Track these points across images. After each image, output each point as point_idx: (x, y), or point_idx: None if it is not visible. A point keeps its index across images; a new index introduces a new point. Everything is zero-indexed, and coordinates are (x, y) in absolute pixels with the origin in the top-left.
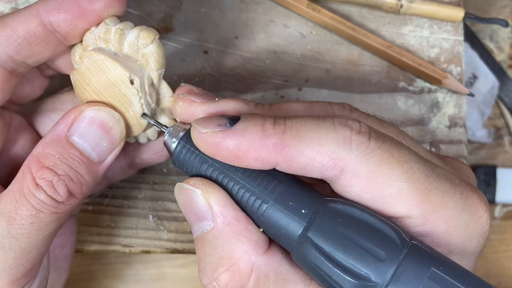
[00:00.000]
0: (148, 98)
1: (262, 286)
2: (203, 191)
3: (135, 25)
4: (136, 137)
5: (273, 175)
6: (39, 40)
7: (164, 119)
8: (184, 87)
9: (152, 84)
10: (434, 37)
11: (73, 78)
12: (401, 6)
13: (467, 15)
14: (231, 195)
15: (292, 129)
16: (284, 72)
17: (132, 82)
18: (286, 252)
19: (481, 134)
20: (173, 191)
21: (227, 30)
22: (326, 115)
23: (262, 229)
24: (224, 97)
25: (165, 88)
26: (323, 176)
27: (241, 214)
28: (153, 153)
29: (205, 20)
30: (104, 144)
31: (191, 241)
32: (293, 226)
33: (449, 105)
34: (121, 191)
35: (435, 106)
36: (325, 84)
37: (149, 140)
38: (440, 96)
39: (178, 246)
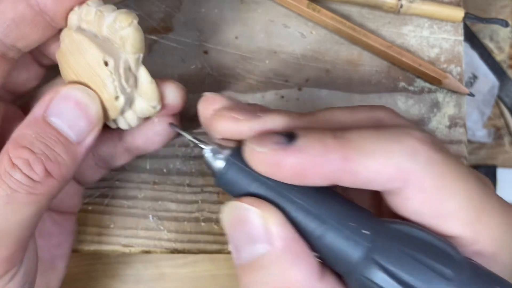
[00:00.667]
0: (123, 81)
1: None
2: (261, 210)
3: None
4: (116, 122)
5: (328, 193)
6: (27, 21)
7: (141, 105)
8: (211, 98)
9: (129, 69)
10: (434, 37)
11: (58, 59)
12: (401, 6)
13: (467, 15)
14: (285, 215)
15: (354, 142)
16: (284, 72)
17: (106, 64)
18: (338, 277)
19: (481, 134)
20: (173, 191)
21: (227, 30)
22: (375, 123)
23: (316, 254)
24: (264, 109)
25: (143, 74)
26: (384, 189)
27: (298, 237)
28: (145, 139)
29: (205, 20)
30: (81, 123)
31: (191, 241)
32: (354, 247)
33: (449, 105)
34: (121, 191)
35: (435, 106)
36: (325, 84)
37: (130, 126)
38: (440, 96)
39: (178, 246)
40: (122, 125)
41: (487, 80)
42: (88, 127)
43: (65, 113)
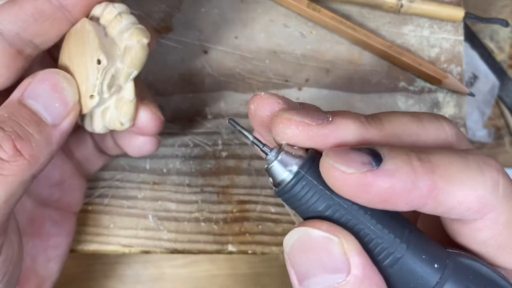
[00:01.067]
0: (105, 85)
1: None
2: (339, 238)
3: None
4: (83, 119)
5: (402, 221)
6: (46, 17)
7: (112, 116)
8: (268, 98)
9: (116, 77)
10: (434, 37)
11: (64, 38)
12: (401, 5)
13: (467, 15)
14: (358, 240)
15: (441, 169)
16: (284, 72)
17: (99, 62)
18: None
19: (481, 134)
20: (173, 191)
21: (227, 30)
22: (445, 141)
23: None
24: (327, 111)
25: (128, 90)
26: (460, 218)
27: (373, 264)
28: (128, 145)
29: (205, 20)
30: (57, 105)
31: (191, 241)
32: (425, 281)
33: (449, 105)
34: (121, 191)
35: (435, 106)
36: (325, 84)
37: (93, 130)
38: (440, 96)
39: (178, 246)
40: (87, 125)
41: (487, 80)
42: (64, 110)
43: (41, 95)
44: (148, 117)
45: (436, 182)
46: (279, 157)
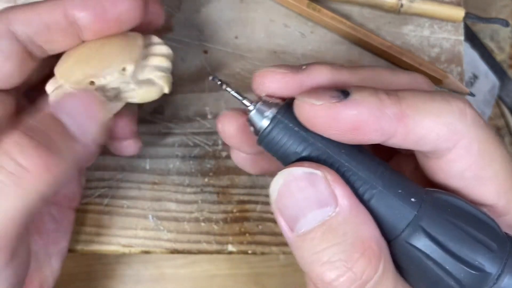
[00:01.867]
0: (109, 86)
1: (386, 275)
2: (323, 172)
3: None
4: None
5: (375, 159)
6: (60, 29)
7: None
8: (229, 115)
9: (120, 91)
10: (434, 36)
11: None
12: (402, 5)
13: (467, 15)
14: None
15: (408, 100)
16: None
17: (124, 69)
18: None
19: None
20: (173, 191)
21: (227, 29)
22: (417, 87)
23: None
24: (309, 64)
25: (117, 106)
26: (432, 149)
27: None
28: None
29: (205, 19)
30: (89, 125)
31: (191, 241)
32: (402, 214)
33: None
34: (121, 191)
35: None
36: None
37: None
38: None
39: (178, 246)
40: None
41: (488, 80)
42: (95, 132)
43: (76, 112)
44: (124, 125)
45: (404, 110)
46: (257, 106)
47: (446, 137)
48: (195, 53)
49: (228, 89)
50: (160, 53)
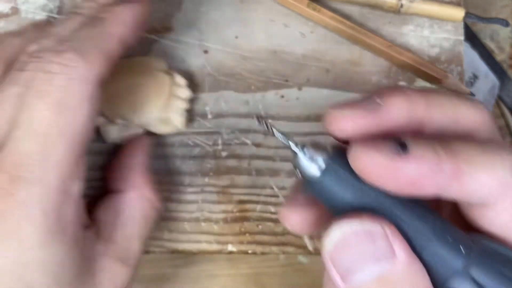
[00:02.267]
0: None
1: None
2: (382, 226)
3: None
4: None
5: (425, 208)
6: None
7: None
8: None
9: (129, 124)
10: (434, 36)
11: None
12: (402, 5)
13: (467, 15)
14: None
15: (462, 154)
16: (284, 72)
17: (151, 112)
18: None
19: None
20: (172, 191)
21: (227, 29)
22: (478, 124)
23: None
24: (384, 96)
25: (134, 132)
26: (481, 202)
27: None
28: None
29: (205, 19)
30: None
31: (191, 241)
32: (452, 263)
33: None
34: None
35: None
36: (325, 83)
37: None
38: None
39: (178, 246)
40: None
41: (488, 80)
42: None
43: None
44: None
45: (459, 165)
46: (306, 151)
47: (496, 191)
48: (195, 53)
49: (275, 132)
50: (182, 97)
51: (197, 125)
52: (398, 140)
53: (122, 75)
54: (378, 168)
